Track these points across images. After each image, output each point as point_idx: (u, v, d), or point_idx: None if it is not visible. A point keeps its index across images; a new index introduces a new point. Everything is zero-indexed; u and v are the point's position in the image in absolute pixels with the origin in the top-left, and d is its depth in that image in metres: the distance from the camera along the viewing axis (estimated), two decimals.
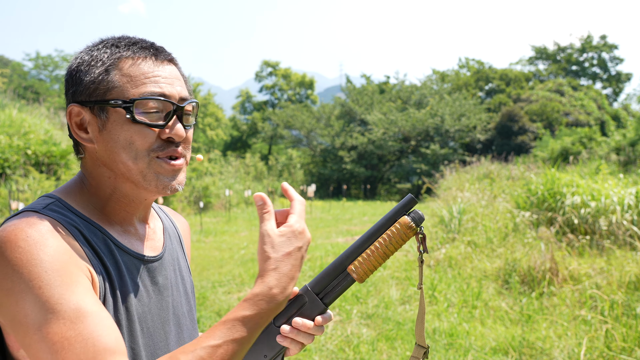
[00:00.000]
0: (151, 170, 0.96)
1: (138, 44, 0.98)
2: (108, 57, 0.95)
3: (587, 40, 44.88)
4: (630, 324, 4.11)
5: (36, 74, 33.56)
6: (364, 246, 1.00)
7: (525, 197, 8.63)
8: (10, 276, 0.80)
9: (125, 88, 0.94)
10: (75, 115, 0.97)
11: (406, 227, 0.98)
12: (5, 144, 12.24)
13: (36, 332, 0.79)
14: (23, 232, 0.83)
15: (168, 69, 0.99)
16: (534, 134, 31.53)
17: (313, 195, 18.67)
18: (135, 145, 0.94)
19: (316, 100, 42.93)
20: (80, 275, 0.85)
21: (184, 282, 1.14)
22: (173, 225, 1.21)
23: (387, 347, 4.34)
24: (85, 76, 0.95)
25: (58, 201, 0.95)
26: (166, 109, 0.96)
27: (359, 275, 1.00)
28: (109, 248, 0.95)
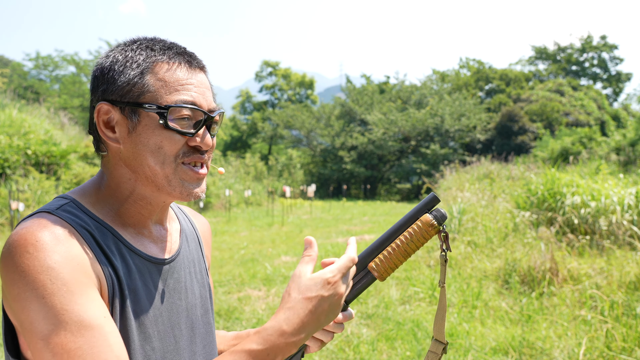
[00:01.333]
0: (177, 176, 0.96)
1: (173, 49, 0.99)
2: (144, 60, 0.95)
3: (587, 40, 44.89)
4: (630, 324, 4.11)
5: (36, 74, 33.56)
6: (385, 244, 1.00)
7: (525, 197, 8.63)
8: (17, 282, 0.81)
9: (160, 93, 0.94)
10: (103, 114, 0.96)
11: (428, 225, 0.98)
12: (5, 144, 12.24)
13: (39, 341, 0.79)
14: (33, 236, 0.83)
15: (200, 77, 0.99)
16: (534, 134, 31.53)
17: (313, 195, 18.67)
18: (164, 150, 0.94)
19: (316, 100, 42.93)
20: (88, 284, 0.85)
21: (199, 285, 1.12)
22: (192, 226, 1.20)
23: (387, 347, 4.34)
24: (119, 76, 0.95)
25: (72, 202, 0.95)
26: (196, 118, 0.97)
27: (379, 273, 0.99)
28: (120, 250, 0.95)
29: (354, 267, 0.99)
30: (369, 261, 1.00)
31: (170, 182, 0.96)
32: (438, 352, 1.02)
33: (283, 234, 11.69)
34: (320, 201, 24.80)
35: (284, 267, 7.54)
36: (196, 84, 0.97)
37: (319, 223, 14.28)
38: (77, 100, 29.20)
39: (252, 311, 5.37)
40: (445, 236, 1.00)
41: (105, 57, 0.98)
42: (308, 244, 0.98)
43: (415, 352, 4.19)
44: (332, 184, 31.48)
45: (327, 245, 9.59)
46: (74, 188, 1.02)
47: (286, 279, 6.78)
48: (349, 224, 14.17)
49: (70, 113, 25.72)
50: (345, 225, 13.77)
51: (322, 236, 11.31)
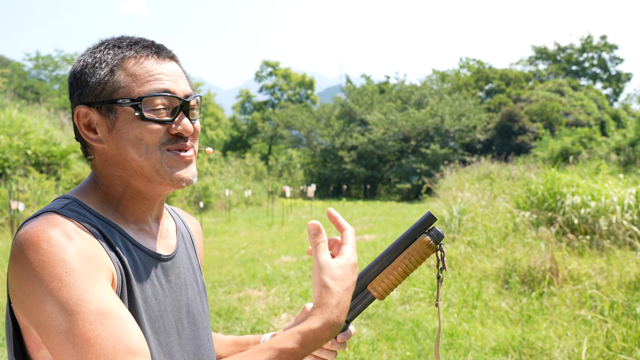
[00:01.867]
0: (164, 164, 0.97)
1: (139, 43, 1.00)
2: (112, 58, 0.97)
3: (587, 40, 44.89)
4: (630, 324, 4.11)
5: (36, 74, 33.57)
6: (384, 264, 1.01)
7: (525, 197, 8.63)
8: (31, 278, 0.81)
9: (132, 87, 0.96)
10: (83, 117, 0.98)
11: (426, 246, 0.99)
12: (5, 144, 12.24)
13: (58, 334, 0.79)
14: (45, 233, 0.83)
15: (170, 66, 1.01)
16: (534, 134, 31.53)
17: (313, 195, 18.67)
18: (145, 141, 0.96)
19: (316, 100, 42.93)
20: (102, 276, 0.85)
21: (196, 282, 1.15)
22: (185, 226, 1.22)
23: (387, 347, 4.34)
24: (90, 78, 0.97)
25: (75, 202, 0.96)
26: (172, 105, 0.98)
27: (379, 293, 1.00)
28: (126, 246, 0.97)
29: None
30: (368, 282, 1.01)
31: (159, 171, 0.97)
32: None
33: (283, 234, 11.69)
34: (320, 201, 24.80)
35: (284, 267, 7.54)
36: (167, 72, 0.99)
37: None
38: None
39: (252, 311, 5.37)
40: (442, 255, 1.01)
41: (77, 62, 1.00)
42: (316, 229, 0.96)
43: (415, 352, 4.19)
44: (332, 184, 31.48)
45: None
46: (71, 189, 1.03)
47: (286, 279, 6.79)
48: (349, 224, 14.17)
49: (70, 113, 25.73)
50: None
51: None
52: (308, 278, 6.87)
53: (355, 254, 0.97)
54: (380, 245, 9.50)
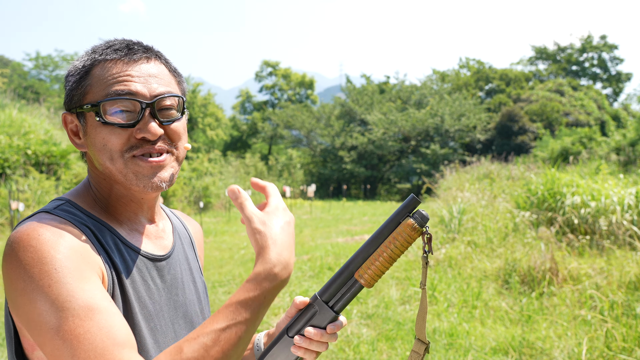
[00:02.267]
0: (129, 170, 0.95)
1: (112, 47, 0.98)
2: (84, 65, 0.97)
3: (587, 40, 44.88)
4: (630, 324, 4.11)
5: (36, 74, 33.55)
6: (369, 251, 0.99)
7: (525, 197, 8.62)
8: (22, 276, 0.82)
9: (95, 92, 0.95)
10: (69, 123, 1.00)
11: (410, 229, 0.96)
12: (5, 144, 12.24)
13: (49, 331, 0.80)
14: (35, 232, 0.84)
15: (143, 67, 0.97)
16: (534, 134, 31.53)
17: (313, 195, 18.66)
18: (108, 147, 0.94)
19: (316, 100, 42.92)
20: (91, 272, 0.85)
21: (194, 283, 1.14)
22: (184, 228, 1.22)
23: (387, 347, 4.34)
24: (68, 85, 0.99)
25: (68, 202, 0.97)
26: (136, 108, 0.95)
27: (366, 280, 0.99)
28: (118, 246, 0.97)
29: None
30: (355, 269, 0.99)
31: (126, 176, 0.96)
32: (420, 352, 1.01)
33: None
34: (320, 201, 24.80)
35: None
36: (135, 74, 0.96)
37: (319, 223, 14.28)
38: None
39: None
40: (428, 238, 0.98)
41: (66, 71, 1.02)
42: (234, 192, 0.93)
43: None
44: (332, 184, 31.47)
45: (327, 245, 9.58)
46: (67, 192, 1.05)
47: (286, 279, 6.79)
48: (349, 224, 14.17)
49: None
50: (345, 225, 13.76)
51: (322, 236, 11.30)
52: (308, 278, 6.87)
53: (282, 201, 0.96)
54: None
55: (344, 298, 1.00)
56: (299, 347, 0.98)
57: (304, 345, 0.98)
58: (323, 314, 1.00)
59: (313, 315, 1.00)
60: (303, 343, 0.98)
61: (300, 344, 0.98)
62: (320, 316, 1.00)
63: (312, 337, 0.97)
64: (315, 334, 0.97)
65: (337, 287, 1.00)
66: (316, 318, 1.00)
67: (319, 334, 0.98)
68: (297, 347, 0.99)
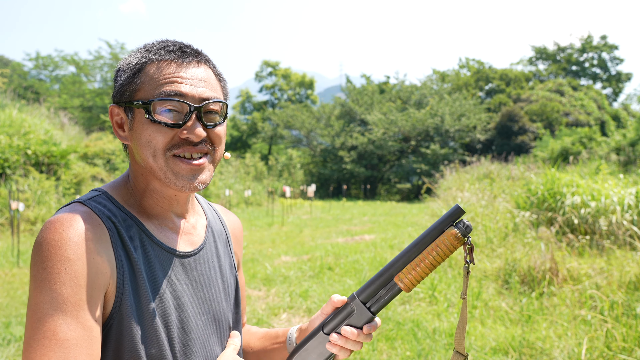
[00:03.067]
0: (169, 169, 0.99)
1: (166, 47, 1.02)
2: (137, 62, 1.01)
3: (587, 40, 44.88)
4: (630, 324, 4.11)
5: (36, 74, 33.54)
6: (411, 256, 1.00)
7: (525, 197, 8.62)
8: (38, 264, 0.88)
9: (147, 90, 0.98)
10: (115, 115, 1.04)
11: (453, 238, 0.98)
12: (5, 144, 12.24)
13: (36, 320, 0.85)
14: (61, 227, 0.90)
15: (193, 70, 1.01)
16: (534, 134, 31.53)
17: (313, 195, 18.66)
18: (153, 144, 0.98)
19: (316, 100, 42.92)
20: (96, 283, 0.90)
21: (223, 279, 1.15)
22: (221, 223, 1.23)
23: (387, 347, 4.34)
24: (119, 79, 1.02)
25: (104, 194, 1.02)
26: (184, 109, 0.99)
27: (405, 285, 1.01)
28: (142, 242, 1.00)
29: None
30: (395, 273, 1.01)
31: (165, 174, 0.99)
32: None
33: (283, 234, 11.69)
34: (320, 201, 24.80)
35: (284, 267, 7.54)
36: (186, 76, 0.99)
37: (319, 223, 14.28)
38: (77, 100, 29.18)
39: (252, 311, 5.37)
40: (470, 248, 1.00)
41: (118, 64, 1.05)
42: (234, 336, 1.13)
43: (415, 352, 4.18)
44: (332, 184, 31.47)
45: (327, 245, 9.59)
46: (108, 182, 1.10)
47: (286, 279, 6.79)
48: (349, 224, 14.17)
49: (70, 113, 25.72)
50: (345, 225, 13.77)
51: (322, 236, 11.31)
52: (308, 278, 6.87)
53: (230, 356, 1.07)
54: (380, 245, 9.50)
55: (381, 300, 1.02)
56: (335, 345, 1.02)
57: (340, 344, 1.01)
58: (360, 314, 1.02)
59: (350, 314, 1.03)
60: (339, 341, 1.01)
61: (337, 341, 1.01)
62: (357, 316, 1.02)
63: (349, 336, 1.01)
64: (352, 333, 1.01)
65: (375, 289, 1.02)
66: (353, 317, 1.03)
67: (355, 333, 1.01)
68: (332, 345, 1.02)
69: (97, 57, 31.33)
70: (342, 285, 6.34)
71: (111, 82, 32.15)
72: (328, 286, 6.35)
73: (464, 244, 1.00)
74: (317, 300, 5.72)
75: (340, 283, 6.48)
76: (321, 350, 1.04)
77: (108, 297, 0.93)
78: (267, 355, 1.25)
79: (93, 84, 32.41)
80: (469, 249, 1.00)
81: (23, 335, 4.52)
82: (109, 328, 0.93)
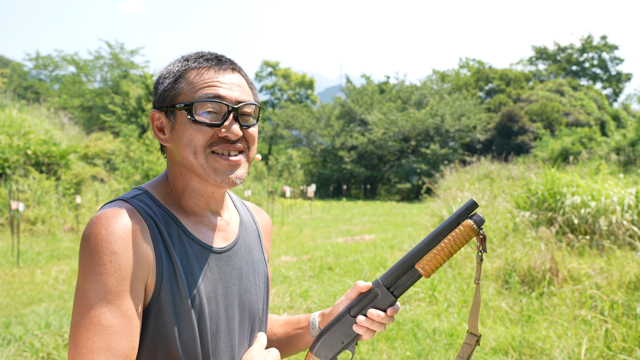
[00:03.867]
0: (209, 165, 1.08)
1: (204, 57, 1.13)
2: (178, 69, 1.11)
3: (588, 40, 44.87)
4: (630, 324, 4.11)
5: (36, 74, 33.53)
6: (431, 245, 1.11)
7: (525, 197, 8.62)
8: (86, 255, 0.98)
9: (188, 93, 1.08)
10: (155, 120, 1.14)
11: (469, 229, 1.09)
12: (5, 144, 12.24)
13: (83, 307, 0.95)
14: (107, 221, 0.99)
15: (229, 76, 1.12)
16: (534, 134, 31.52)
17: (313, 195, 18.66)
18: (194, 142, 1.07)
19: (316, 100, 42.92)
20: (138, 275, 1.00)
21: (255, 273, 1.23)
22: (253, 220, 1.32)
23: (387, 347, 4.34)
24: (161, 86, 1.12)
25: (145, 193, 1.11)
26: (222, 110, 1.08)
27: (426, 271, 1.11)
28: (181, 238, 1.09)
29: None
30: (416, 261, 1.12)
31: (205, 170, 1.08)
32: (472, 344, 1.13)
33: (283, 234, 11.69)
34: (320, 201, 24.80)
35: (284, 267, 7.54)
36: (223, 81, 1.10)
37: (319, 223, 14.28)
38: (77, 100, 29.18)
39: None
40: (482, 238, 1.10)
41: (158, 74, 1.16)
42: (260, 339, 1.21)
43: (415, 352, 4.18)
44: (332, 184, 31.47)
45: (327, 245, 9.59)
46: (147, 182, 1.23)
47: (286, 279, 6.79)
48: (349, 224, 14.17)
49: (70, 113, 25.73)
50: (345, 225, 13.77)
51: (322, 236, 11.31)
52: (308, 278, 6.87)
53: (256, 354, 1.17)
54: (380, 245, 9.50)
55: (403, 285, 1.13)
56: (361, 326, 1.13)
57: (367, 325, 1.12)
58: (384, 298, 1.13)
59: (374, 298, 1.14)
60: (365, 323, 1.12)
61: (363, 323, 1.12)
62: (381, 300, 1.13)
63: (374, 318, 1.12)
64: (377, 315, 1.12)
65: (398, 275, 1.13)
66: (378, 301, 1.13)
67: (381, 315, 1.12)
68: (359, 326, 1.13)
69: (97, 57, 31.32)
70: (342, 285, 6.34)
71: (111, 82, 31.99)
72: (328, 286, 6.35)
73: (477, 234, 1.10)
74: (317, 300, 5.72)
75: (340, 283, 6.49)
76: (348, 332, 1.14)
77: (148, 288, 1.02)
78: (289, 340, 1.36)
79: (93, 84, 32.41)
80: (482, 239, 1.10)
81: (25, 333, 4.52)
82: (147, 316, 1.02)
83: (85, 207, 12.90)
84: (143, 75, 26.04)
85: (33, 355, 4.14)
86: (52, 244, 9.87)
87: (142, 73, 26.67)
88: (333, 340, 1.15)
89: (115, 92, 27.80)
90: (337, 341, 1.15)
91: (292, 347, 1.36)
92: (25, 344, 4.34)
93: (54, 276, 7.12)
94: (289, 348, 1.36)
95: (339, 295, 5.81)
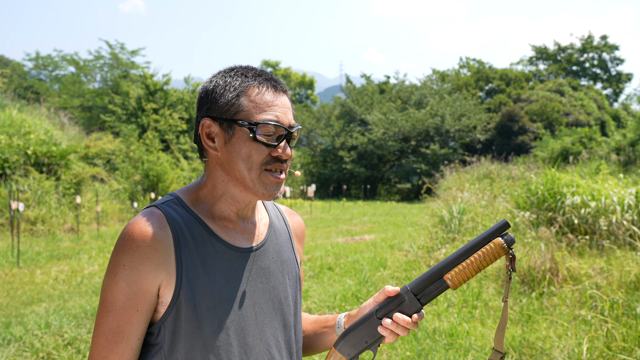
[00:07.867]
0: (260, 181, 1.18)
1: (262, 76, 1.21)
2: (239, 85, 1.18)
3: (588, 40, 44.86)
4: (630, 324, 4.11)
5: (36, 74, 33.52)
6: (460, 259, 1.16)
7: (525, 197, 8.62)
8: (113, 261, 1.11)
9: (251, 112, 1.16)
10: (206, 127, 1.20)
11: (499, 247, 1.13)
12: (5, 144, 12.24)
13: (101, 304, 1.11)
14: (136, 232, 1.11)
15: (283, 99, 1.21)
16: (534, 134, 31.52)
17: (313, 195, 18.66)
18: (252, 159, 1.16)
19: (316, 100, 42.93)
20: (152, 284, 1.11)
21: (283, 273, 1.30)
22: (284, 223, 1.39)
23: (387, 347, 4.34)
24: (220, 97, 1.18)
25: (176, 199, 1.21)
26: (278, 133, 1.18)
27: (454, 283, 1.16)
28: (204, 239, 1.18)
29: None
30: (445, 272, 1.16)
31: (255, 184, 1.18)
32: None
33: None
34: (320, 201, 24.80)
35: None
36: (280, 105, 1.19)
37: (319, 223, 14.28)
38: (77, 100, 29.16)
39: None
40: (512, 258, 1.15)
41: (209, 82, 1.22)
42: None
43: (415, 352, 4.18)
44: (332, 184, 31.47)
45: (327, 245, 9.59)
46: (181, 187, 1.32)
47: None
48: (349, 224, 14.17)
49: (70, 113, 25.71)
50: (345, 225, 13.77)
51: (322, 236, 11.31)
52: (308, 278, 6.87)
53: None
54: (380, 245, 9.50)
55: (431, 294, 1.18)
56: (386, 328, 1.18)
57: (391, 328, 1.18)
58: (410, 304, 1.18)
59: (401, 303, 1.19)
60: (390, 325, 1.18)
61: (388, 325, 1.18)
62: (408, 305, 1.18)
63: (400, 322, 1.17)
64: (403, 319, 1.17)
65: (426, 284, 1.18)
66: (404, 306, 1.18)
67: (406, 320, 1.17)
68: (384, 328, 1.18)
69: (97, 57, 31.31)
70: (342, 285, 6.34)
71: (111, 82, 31.81)
72: (328, 286, 6.35)
73: (507, 253, 1.14)
74: (317, 300, 5.72)
75: (340, 283, 6.49)
76: (372, 332, 1.20)
77: (167, 289, 1.12)
78: (316, 337, 1.43)
79: (93, 84, 32.40)
80: (511, 258, 1.15)
81: (25, 333, 4.52)
82: (168, 314, 1.12)
83: (85, 207, 12.89)
84: (143, 75, 26.04)
85: (33, 355, 4.14)
86: (52, 244, 9.87)
87: (142, 73, 26.66)
88: (357, 339, 1.21)
89: (115, 92, 27.78)
90: (361, 340, 1.21)
91: (318, 345, 1.43)
92: (25, 344, 4.34)
93: (53, 276, 7.12)
94: (316, 345, 1.44)
95: (339, 295, 5.81)
